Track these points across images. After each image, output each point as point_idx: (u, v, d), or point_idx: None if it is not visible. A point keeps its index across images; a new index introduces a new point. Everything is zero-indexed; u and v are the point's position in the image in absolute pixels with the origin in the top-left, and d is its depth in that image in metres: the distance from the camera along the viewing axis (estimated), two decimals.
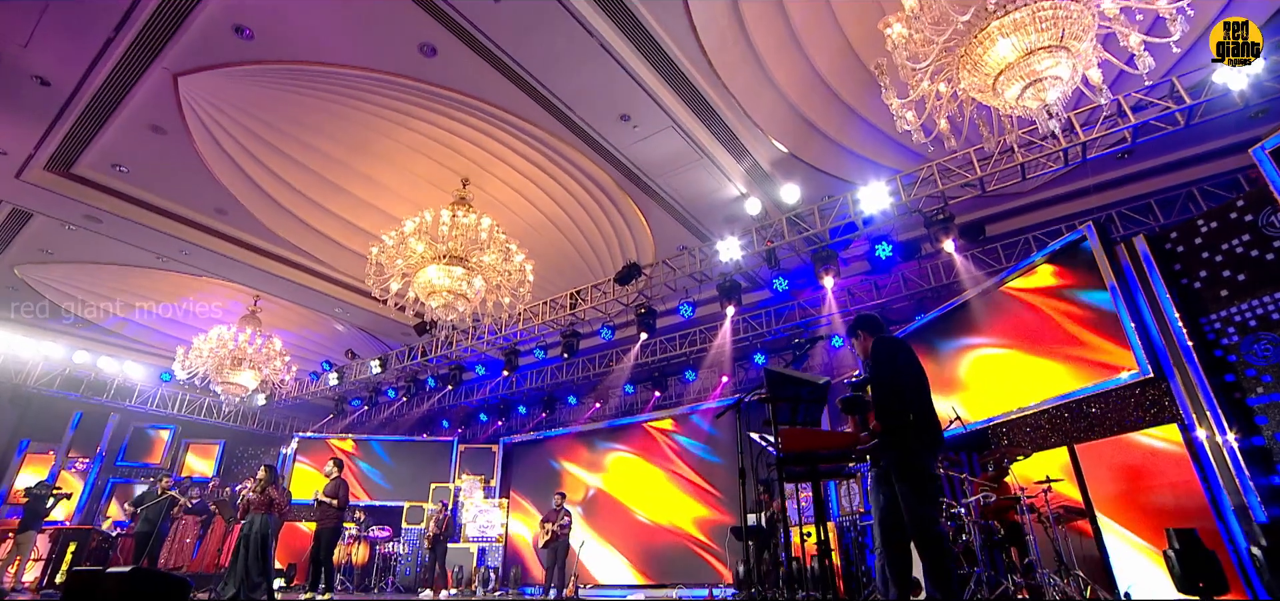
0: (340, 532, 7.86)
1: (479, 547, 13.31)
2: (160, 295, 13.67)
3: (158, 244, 11.22)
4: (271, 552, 7.75)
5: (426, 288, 9.21)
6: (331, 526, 7.78)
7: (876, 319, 4.05)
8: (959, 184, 8.06)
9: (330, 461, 8.14)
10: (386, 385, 14.14)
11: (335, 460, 8.11)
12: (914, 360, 3.67)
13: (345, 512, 7.94)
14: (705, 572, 11.48)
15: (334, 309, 13.51)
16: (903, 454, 3.44)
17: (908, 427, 3.46)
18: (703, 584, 11.36)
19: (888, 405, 3.54)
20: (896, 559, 3.55)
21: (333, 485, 7.82)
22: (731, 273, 9.76)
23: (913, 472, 3.40)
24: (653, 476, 13.05)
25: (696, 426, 12.63)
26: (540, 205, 11.09)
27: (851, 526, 9.06)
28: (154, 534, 9.27)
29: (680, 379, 13.18)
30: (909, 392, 3.56)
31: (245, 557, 7.68)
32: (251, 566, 7.62)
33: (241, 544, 7.74)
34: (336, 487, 7.79)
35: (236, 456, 15.28)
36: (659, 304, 10.86)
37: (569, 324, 11.50)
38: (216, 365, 12.61)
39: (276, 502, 7.90)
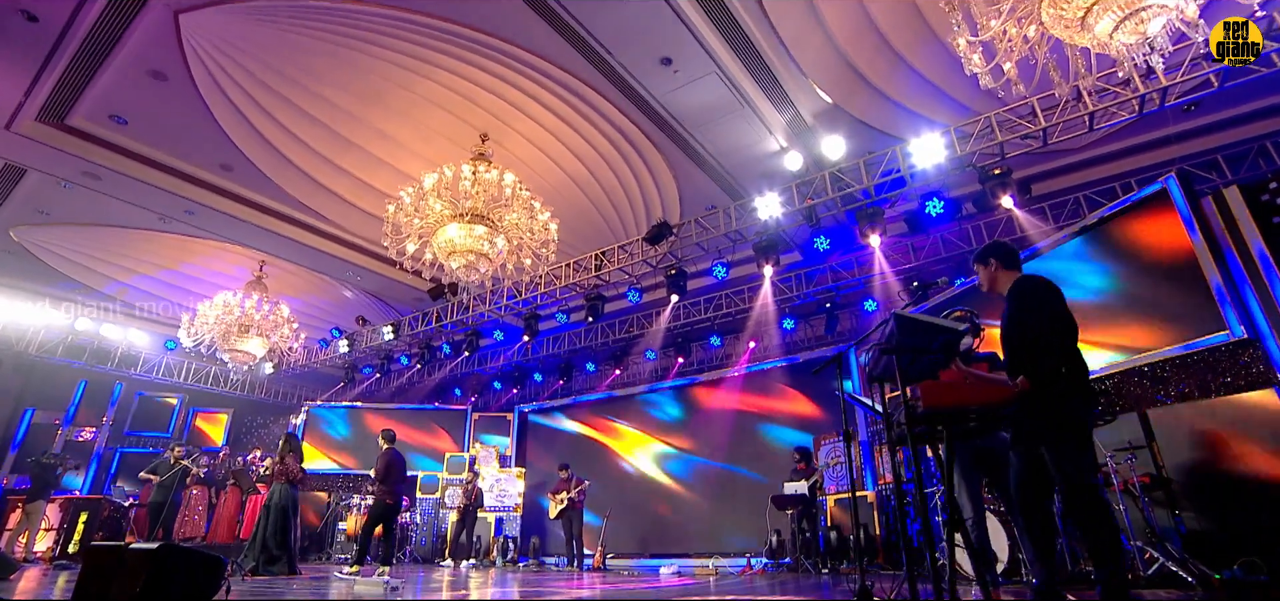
0: (389, 513, 7.40)
1: (497, 517, 13.02)
2: (162, 259, 13.13)
3: (160, 203, 10.64)
4: (291, 524, 7.38)
5: (447, 247, 8.72)
6: (380, 506, 7.37)
7: (1013, 249, 3.55)
8: (1018, 136, 7.53)
9: (380, 434, 7.67)
10: (399, 352, 13.69)
11: (385, 432, 7.66)
12: (1064, 302, 3.19)
13: (397, 490, 7.45)
14: (735, 542, 11.20)
15: (344, 273, 12.99)
16: (1056, 412, 2.99)
17: (1061, 380, 3.01)
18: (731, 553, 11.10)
19: (1036, 354, 3.07)
20: (1042, 534, 3.12)
21: (381, 461, 7.39)
22: (771, 231, 9.26)
23: (1069, 433, 2.96)
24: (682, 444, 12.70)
25: (730, 391, 12.25)
26: (562, 162, 10.53)
27: (891, 495, 8.71)
28: (168, 504, 8.87)
29: (705, 344, 12.76)
30: (1066, 339, 3.09)
31: (264, 529, 7.32)
32: (269, 539, 7.26)
33: (263, 515, 7.37)
34: (385, 466, 7.33)
35: (245, 425, 14.90)
36: (688, 265, 10.37)
37: (593, 286, 11.01)
38: (223, 332, 12.16)
39: (291, 473, 7.49)
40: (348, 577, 6.97)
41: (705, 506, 12.00)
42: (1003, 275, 3.48)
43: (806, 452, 9.16)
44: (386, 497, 7.42)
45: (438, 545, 12.90)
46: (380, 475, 7.42)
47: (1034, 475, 3.19)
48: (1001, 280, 3.48)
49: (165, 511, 8.88)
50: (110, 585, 3.91)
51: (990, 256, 3.53)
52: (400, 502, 7.81)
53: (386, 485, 7.43)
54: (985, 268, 3.55)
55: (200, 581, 3.81)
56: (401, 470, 7.70)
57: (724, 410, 12.25)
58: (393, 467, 7.48)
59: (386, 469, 7.45)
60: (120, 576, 3.89)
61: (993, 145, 7.62)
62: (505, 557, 12.35)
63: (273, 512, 7.34)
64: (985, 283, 3.57)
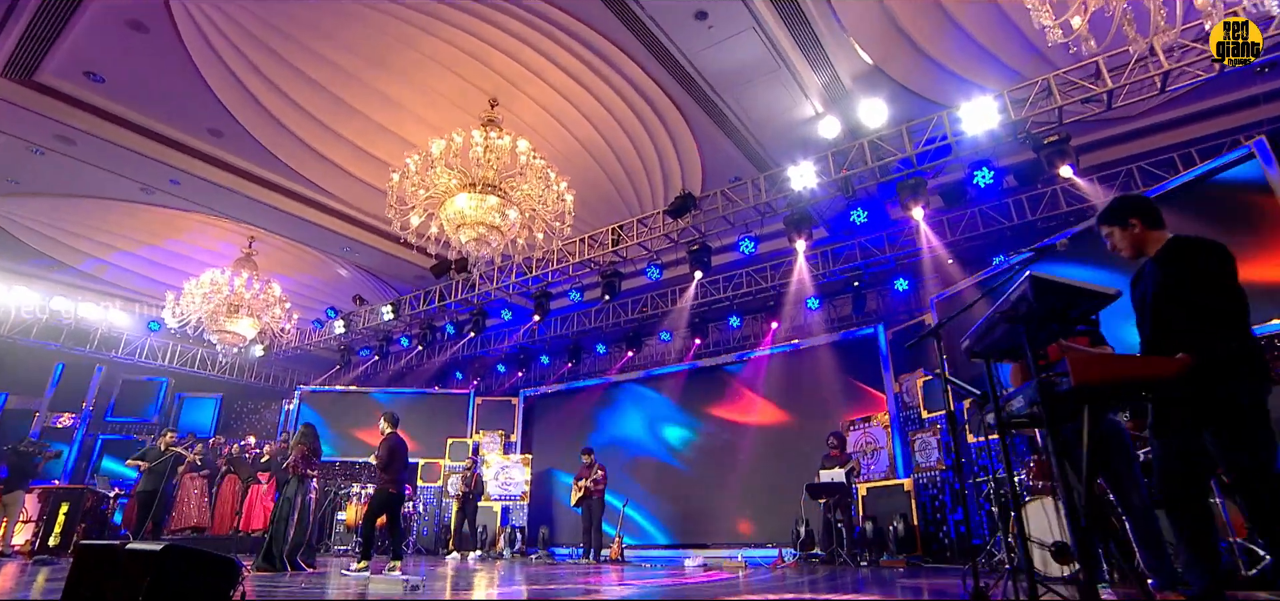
0: (393, 503, 6.98)
1: (502, 506, 12.63)
2: (144, 234, 12.52)
3: (142, 171, 10.03)
4: (307, 519, 6.93)
5: (456, 219, 8.23)
6: (382, 495, 6.93)
7: (1155, 206, 3.09)
8: (1078, 99, 7.11)
9: (382, 417, 7.22)
10: (398, 333, 13.18)
11: (388, 415, 7.22)
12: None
13: (401, 478, 7.04)
14: (758, 531, 10.89)
15: (340, 249, 12.43)
16: (1232, 392, 2.57)
17: (1235, 358, 2.59)
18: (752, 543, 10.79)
19: (1213, 327, 2.65)
20: (1199, 531, 2.72)
21: (383, 446, 6.96)
22: (805, 202, 8.83)
23: (1249, 417, 2.55)
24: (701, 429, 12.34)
25: (754, 374, 11.86)
26: (575, 129, 10.02)
27: (930, 483, 8.40)
28: (159, 494, 8.39)
29: (722, 325, 12.36)
30: (1246, 311, 2.68)
31: (274, 523, 6.90)
32: (276, 531, 6.82)
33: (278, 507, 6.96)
34: (388, 452, 6.91)
35: (234, 411, 14.37)
36: (712, 240, 9.93)
37: (609, 263, 10.55)
38: (211, 312, 11.60)
39: (292, 463, 7.04)
40: (356, 575, 6.56)
41: (725, 495, 11.66)
42: (1151, 235, 3.03)
43: (841, 438, 8.81)
44: (390, 486, 6.99)
45: (441, 535, 12.50)
46: (382, 462, 6.99)
47: (1189, 465, 2.79)
48: (1150, 241, 3.03)
49: (157, 502, 8.39)
50: (104, 589, 3.45)
51: (1130, 215, 3.06)
52: (403, 491, 7.37)
53: (390, 473, 7.00)
54: (1124, 229, 3.08)
55: (211, 587, 3.35)
56: (405, 456, 7.28)
57: (746, 394, 11.88)
58: (396, 454, 7.06)
59: (389, 455, 7.02)
60: (115, 580, 3.43)
61: (1049, 110, 7.20)
62: (512, 548, 11.99)
63: (281, 506, 6.90)
64: (1124, 246, 3.11)
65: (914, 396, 9.49)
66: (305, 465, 7.08)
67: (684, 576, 7.70)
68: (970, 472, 8.11)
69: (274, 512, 7.01)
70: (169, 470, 8.63)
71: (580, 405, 13.75)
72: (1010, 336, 3.21)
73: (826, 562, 7.99)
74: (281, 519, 6.90)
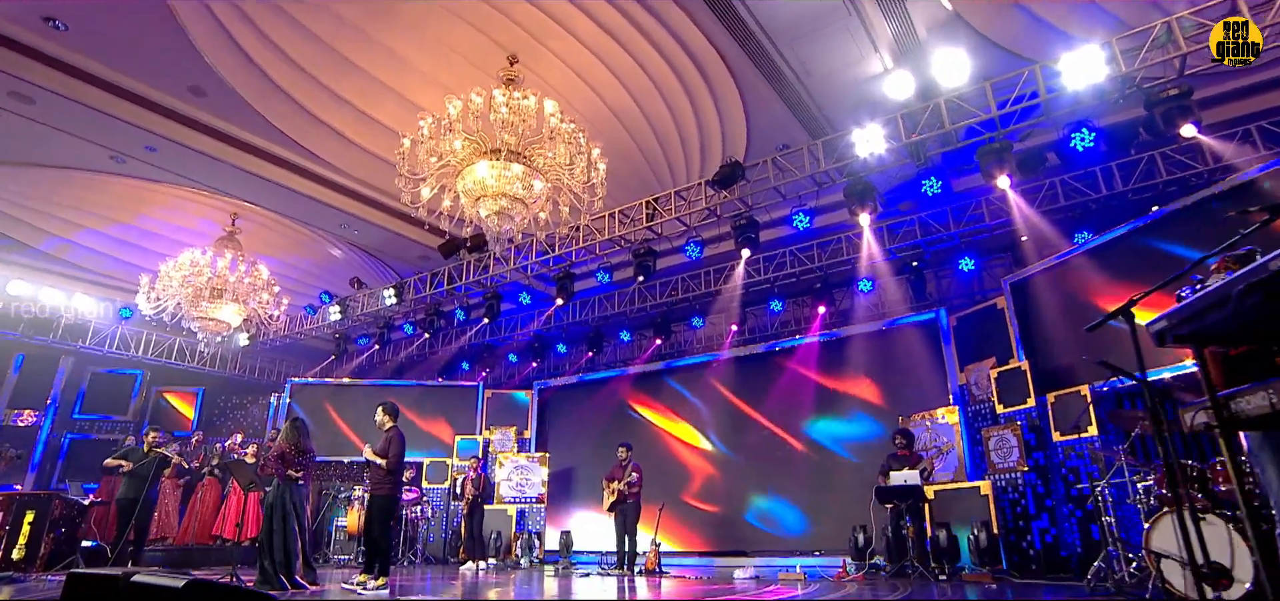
0: (394, 504, 6.47)
1: (518, 509, 12.13)
2: (114, 210, 11.83)
3: (113, 136, 9.35)
4: (293, 526, 6.32)
5: (475, 190, 7.64)
6: (384, 495, 6.39)
7: None
8: (1206, 45, 6.54)
9: (380, 408, 6.69)
10: (401, 320, 12.59)
11: (386, 405, 6.68)
12: None
13: (399, 475, 6.53)
14: (809, 539, 10.43)
15: (336, 225, 11.78)
16: None
17: None
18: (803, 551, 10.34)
19: None
20: None
21: (382, 440, 6.42)
22: (872, 170, 8.28)
23: None
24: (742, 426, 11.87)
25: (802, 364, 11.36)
26: (607, 93, 9.42)
27: (1010, 486, 7.93)
28: (142, 501, 7.82)
29: (762, 310, 11.83)
30: None
31: (267, 534, 6.29)
32: (273, 543, 6.21)
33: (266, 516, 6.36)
34: (386, 444, 6.38)
35: (217, 406, 13.75)
36: (760, 214, 9.38)
37: (643, 241, 9.98)
38: (191, 297, 10.97)
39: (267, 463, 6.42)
40: (375, 593, 6.04)
41: (767, 498, 11.19)
42: None
43: (908, 436, 8.32)
44: (397, 490, 6.53)
45: (452, 542, 11.99)
46: (393, 461, 6.44)
47: None
48: None
49: (140, 509, 7.82)
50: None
51: None
52: (401, 495, 6.85)
53: (398, 475, 6.50)
54: None
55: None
56: (400, 452, 6.67)
57: (790, 385, 11.39)
58: (393, 448, 6.49)
59: (401, 454, 6.51)
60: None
61: (1168, 59, 6.64)
62: (530, 556, 11.49)
63: (273, 512, 6.29)
64: None
65: (984, 388, 9.02)
66: (284, 465, 6.43)
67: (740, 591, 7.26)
68: (1056, 476, 7.67)
69: (269, 525, 6.42)
70: (154, 474, 8.05)
71: (603, 398, 13.21)
72: (1236, 316, 2.67)
73: (898, 575, 7.53)
74: (266, 529, 6.31)
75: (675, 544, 11.27)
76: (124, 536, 7.89)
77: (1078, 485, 7.25)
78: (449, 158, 7.48)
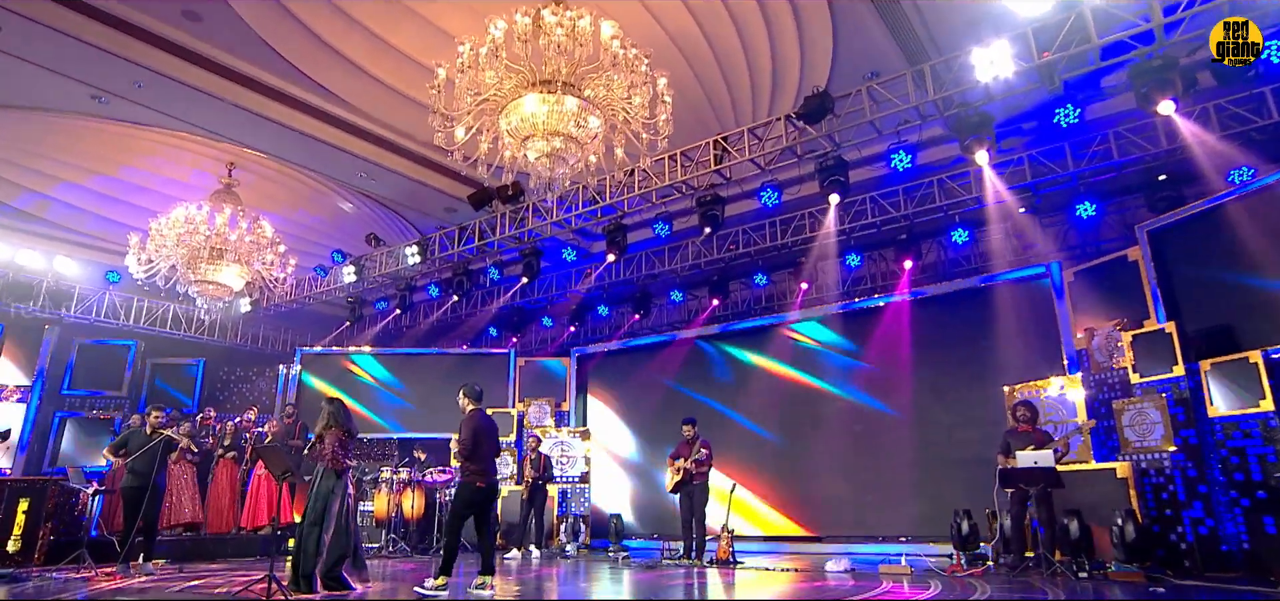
0: (482, 500, 5.97)
1: (559, 490, 11.64)
2: (95, 161, 11.14)
3: (94, 70, 8.59)
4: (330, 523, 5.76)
5: (523, 128, 6.90)
6: (467, 491, 5.91)
7: None
8: None
9: (461, 391, 6.12)
10: (425, 280, 11.91)
11: (468, 388, 6.17)
12: None
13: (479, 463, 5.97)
14: (895, 522, 9.90)
15: (350, 173, 11.02)
16: None
17: None
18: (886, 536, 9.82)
19: None
20: None
21: (466, 428, 5.97)
22: (990, 97, 7.48)
23: None
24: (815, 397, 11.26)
25: (883, 328, 10.67)
26: (668, 19, 8.57)
27: (1154, 469, 7.27)
28: (149, 490, 7.29)
29: (836, 264, 11.09)
30: None
31: (304, 531, 5.75)
32: (306, 542, 5.68)
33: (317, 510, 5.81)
34: (472, 435, 5.92)
35: (219, 379, 13.20)
36: (848, 151, 8.58)
37: (710, 187, 9.21)
38: (188, 258, 10.33)
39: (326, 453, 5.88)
40: (433, 594, 5.53)
41: (844, 477, 10.65)
42: None
43: (1032, 408, 7.64)
44: (477, 479, 5.94)
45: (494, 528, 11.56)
46: (466, 449, 5.91)
47: None
48: None
49: (148, 500, 7.30)
50: None
51: None
52: (496, 485, 6.31)
53: (476, 462, 5.94)
54: None
55: None
56: (494, 440, 6.21)
57: (871, 352, 10.74)
58: (482, 437, 6.00)
59: (474, 439, 5.94)
60: None
61: None
62: (576, 542, 11.04)
63: (312, 505, 5.76)
64: None
65: (1110, 354, 8.31)
66: (344, 454, 5.93)
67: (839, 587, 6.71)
68: (1212, 458, 7.01)
69: (304, 517, 5.87)
70: (159, 458, 7.50)
71: (653, 365, 12.63)
72: None
73: (1024, 570, 6.95)
74: (313, 524, 5.76)
75: (739, 527, 10.79)
76: (133, 527, 7.37)
77: (1242, 470, 6.59)
78: (491, 91, 6.72)
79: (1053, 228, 9.83)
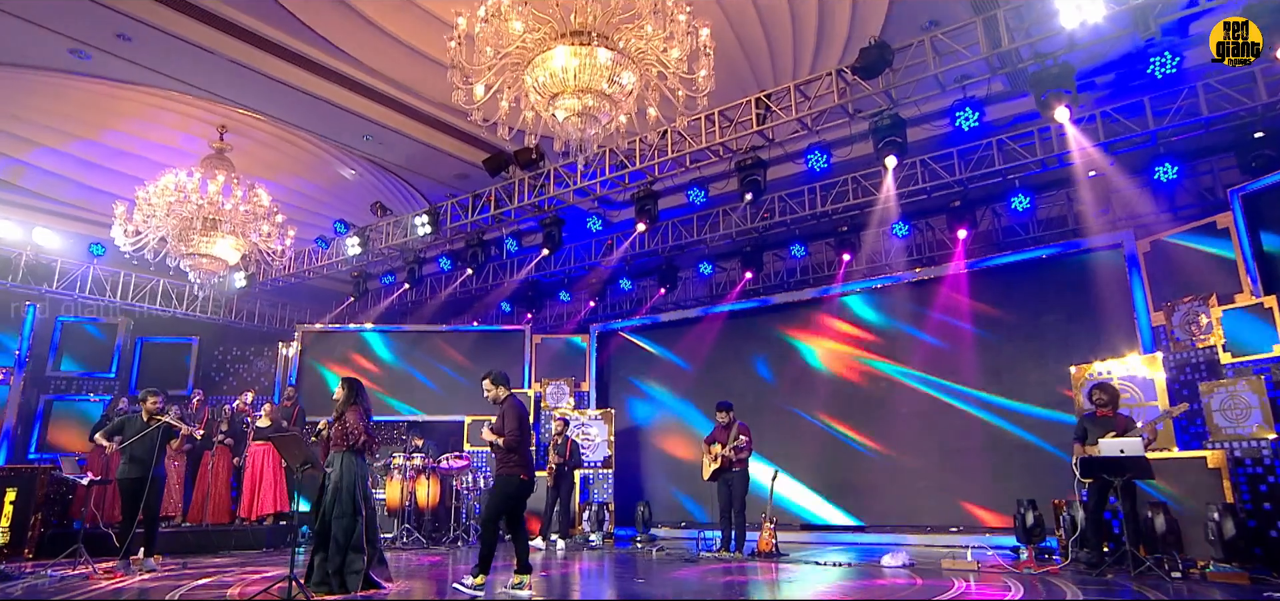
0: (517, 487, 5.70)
1: (581, 476, 11.32)
2: (75, 123, 10.65)
3: (75, 22, 8.06)
4: (360, 508, 5.45)
5: (552, 85, 6.43)
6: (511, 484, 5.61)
7: None
8: None
9: (486, 378, 5.83)
10: (436, 253, 11.45)
11: (495, 375, 5.89)
12: None
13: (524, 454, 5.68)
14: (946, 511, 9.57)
15: (351, 136, 10.49)
16: None
17: None
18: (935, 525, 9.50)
19: None
20: None
21: (498, 415, 5.69)
22: (1072, 46, 6.98)
23: None
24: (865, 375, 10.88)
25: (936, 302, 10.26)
26: None
27: (1251, 457, 6.88)
28: (149, 480, 6.93)
29: (881, 234, 10.62)
30: None
31: (324, 517, 5.42)
32: (351, 538, 5.37)
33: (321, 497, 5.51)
34: (501, 417, 5.66)
35: (214, 360, 12.79)
36: (905, 109, 8.09)
37: (750, 149, 8.72)
38: (179, 229, 9.88)
39: (352, 435, 5.55)
40: (470, 592, 5.29)
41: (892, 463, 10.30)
42: None
43: (1111, 391, 7.22)
44: (521, 471, 5.63)
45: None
46: (514, 438, 5.58)
47: None
48: None
49: (149, 491, 6.93)
50: None
51: None
52: (535, 478, 6.05)
53: (520, 452, 5.63)
54: None
55: None
56: (530, 427, 5.99)
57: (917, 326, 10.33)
58: (524, 424, 5.72)
59: (521, 427, 5.63)
60: None
61: None
62: (601, 531, 10.73)
63: (338, 494, 5.44)
64: None
65: (1192, 330, 7.90)
66: (368, 432, 5.64)
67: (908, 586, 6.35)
68: None
69: (324, 509, 5.52)
70: (159, 447, 7.13)
71: (681, 343, 12.25)
72: None
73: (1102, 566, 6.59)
74: (342, 515, 5.42)
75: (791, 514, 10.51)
76: (133, 520, 7.00)
77: None
78: (516, 42, 6.26)
79: (1123, 192, 9.33)
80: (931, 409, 10.07)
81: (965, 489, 9.56)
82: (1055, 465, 8.83)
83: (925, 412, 10.10)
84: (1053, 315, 9.35)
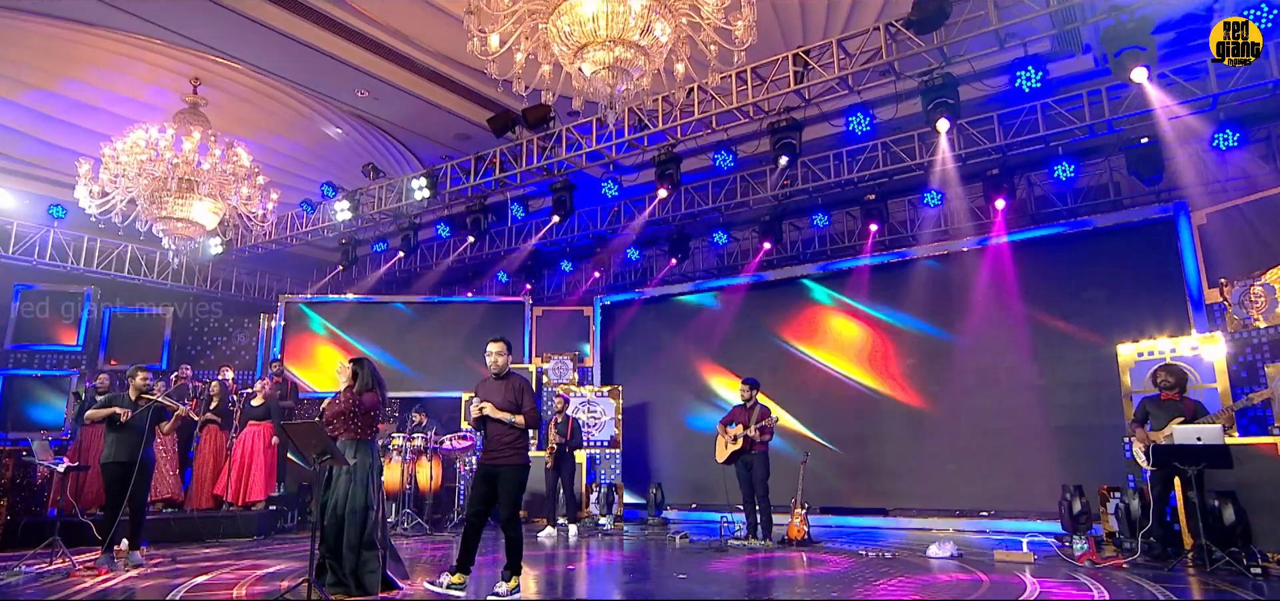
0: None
1: (587, 455, 10.79)
2: (31, 70, 9.67)
3: None
4: (372, 501, 5.01)
5: (580, 35, 5.75)
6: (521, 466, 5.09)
7: None
8: None
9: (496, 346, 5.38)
10: (433, 219, 10.69)
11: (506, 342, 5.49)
12: None
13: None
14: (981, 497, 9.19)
15: (342, 90, 9.62)
16: None
17: None
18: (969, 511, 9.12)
19: None
20: None
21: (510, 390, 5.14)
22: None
23: None
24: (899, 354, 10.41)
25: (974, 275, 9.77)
26: None
27: None
28: (139, 465, 6.23)
29: (909, 202, 10.09)
30: None
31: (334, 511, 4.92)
32: (366, 531, 4.92)
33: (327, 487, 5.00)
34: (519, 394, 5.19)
35: (190, 331, 11.94)
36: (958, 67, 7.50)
37: (784, 111, 8.07)
38: (152, 190, 9.09)
39: (369, 419, 5.14)
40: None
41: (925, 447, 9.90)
42: None
43: (1179, 374, 6.79)
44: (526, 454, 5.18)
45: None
46: (533, 416, 5.08)
47: None
48: None
49: (136, 478, 6.22)
50: None
51: None
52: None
53: (537, 431, 5.22)
54: None
55: None
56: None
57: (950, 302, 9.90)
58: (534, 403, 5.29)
59: (536, 403, 5.32)
60: None
61: None
62: (610, 513, 10.21)
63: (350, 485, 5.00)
64: None
65: (1251, 308, 7.50)
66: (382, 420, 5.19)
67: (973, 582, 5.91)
68: None
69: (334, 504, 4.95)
70: (148, 428, 6.42)
71: (694, 316, 11.70)
72: None
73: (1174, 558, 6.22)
74: (355, 509, 4.90)
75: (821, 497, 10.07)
76: (118, 508, 6.28)
77: None
78: None
79: (1175, 161, 8.86)
80: (962, 387, 9.68)
81: (996, 472, 9.22)
82: (1094, 449, 8.49)
83: (955, 393, 9.71)
84: (1097, 290, 8.94)
